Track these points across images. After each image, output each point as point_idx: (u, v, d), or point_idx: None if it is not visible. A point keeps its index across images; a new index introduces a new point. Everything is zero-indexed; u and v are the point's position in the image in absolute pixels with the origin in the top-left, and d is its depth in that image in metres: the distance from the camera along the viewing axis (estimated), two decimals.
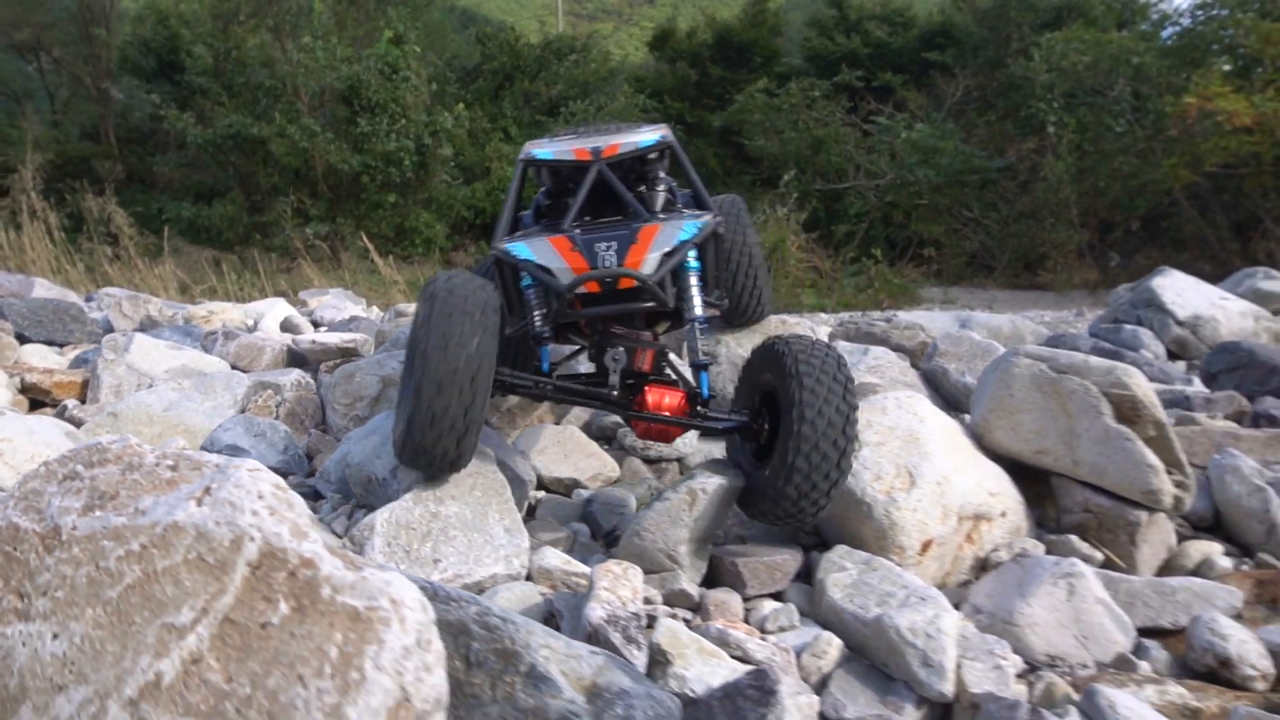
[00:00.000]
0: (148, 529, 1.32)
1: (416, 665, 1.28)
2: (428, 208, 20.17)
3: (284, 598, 1.28)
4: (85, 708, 1.23)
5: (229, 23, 19.31)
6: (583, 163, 3.43)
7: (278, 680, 1.24)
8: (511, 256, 3.07)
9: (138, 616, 1.27)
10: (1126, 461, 3.23)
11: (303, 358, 4.82)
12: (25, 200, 13.49)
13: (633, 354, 3.08)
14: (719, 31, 22.91)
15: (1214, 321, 7.16)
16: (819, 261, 17.93)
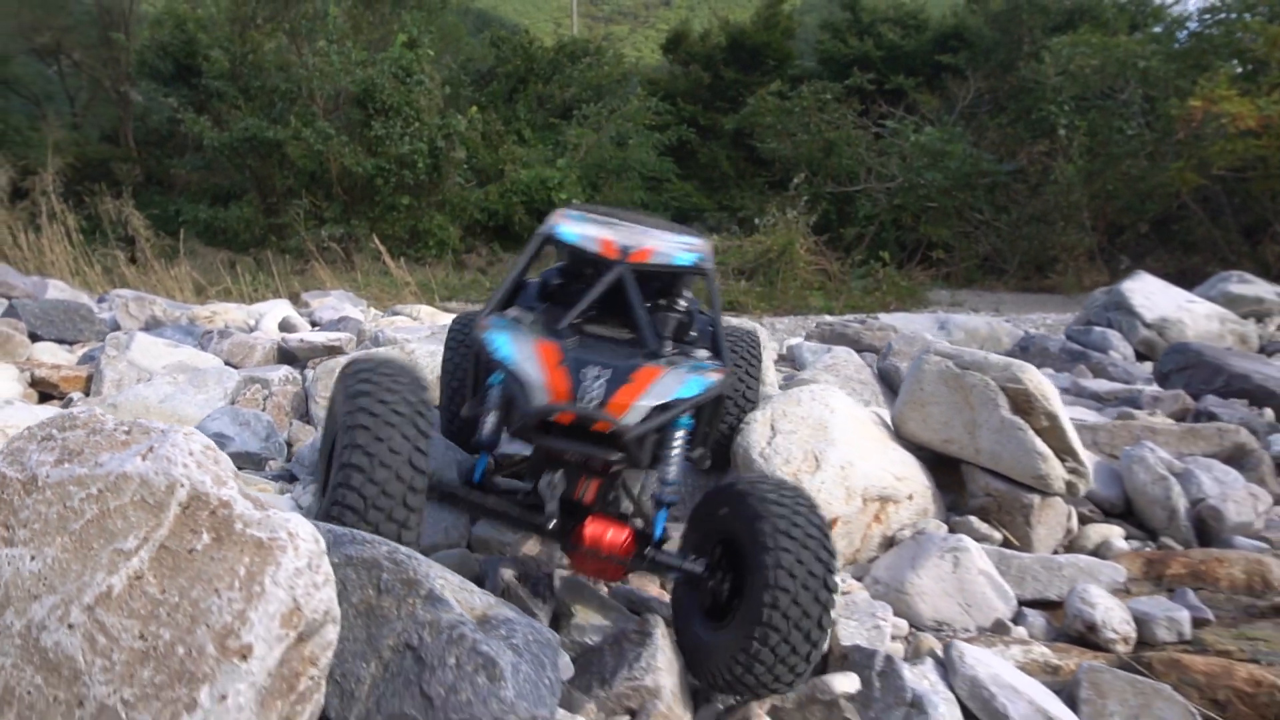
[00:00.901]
0: (104, 477, 1.74)
1: (306, 583, 1.70)
2: (441, 210, 20.62)
3: (206, 530, 1.70)
4: (54, 611, 1.65)
5: (245, 27, 19.87)
6: (607, 260, 3.18)
7: (199, 592, 1.65)
8: (486, 348, 2.80)
9: (95, 543, 1.69)
10: (1019, 449, 3.61)
11: (292, 355, 5.25)
12: (45, 203, 14.00)
13: (575, 481, 2.78)
14: (732, 34, 23.31)
15: (1180, 324, 7.49)
16: (827, 264, 18.26)
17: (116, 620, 1.64)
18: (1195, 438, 4.61)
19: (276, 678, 1.67)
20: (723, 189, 22.59)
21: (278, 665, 1.66)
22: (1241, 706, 2.89)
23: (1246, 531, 4.06)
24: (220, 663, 1.60)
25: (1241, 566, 3.65)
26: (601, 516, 2.72)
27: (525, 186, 20.67)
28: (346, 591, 2.03)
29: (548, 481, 2.72)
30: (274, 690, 1.67)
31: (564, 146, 21.48)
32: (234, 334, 5.32)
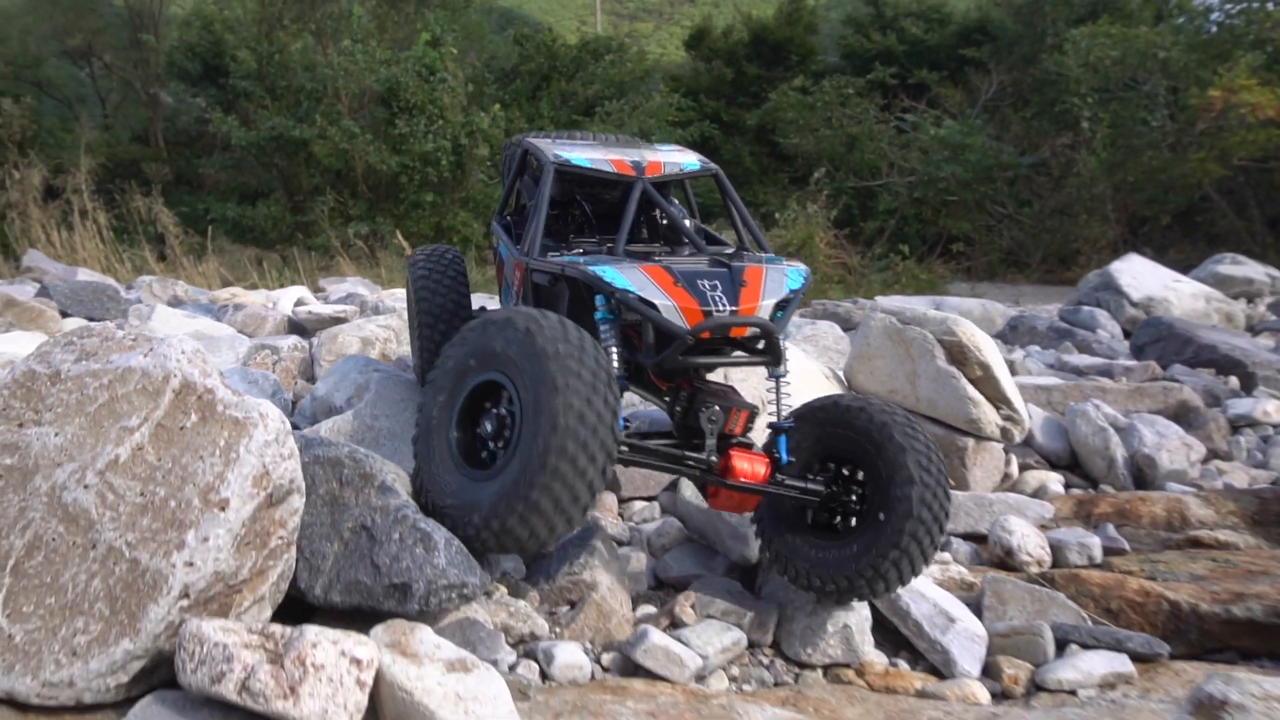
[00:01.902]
0: (113, 371, 2.19)
1: (274, 453, 2.14)
2: (465, 207, 21.05)
3: (194, 411, 2.14)
4: (73, 475, 2.10)
5: (272, 28, 20.47)
6: (625, 178, 3.21)
7: (188, 459, 2.10)
8: (602, 282, 2.72)
9: (105, 422, 2.14)
10: (953, 396, 3.99)
11: (301, 327, 5.73)
12: (77, 201, 14.60)
13: (727, 414, 2.84)
14: (755, 30, 23.64)
15: (1166, 303, 7.81)
16: (847, 257, 18.55)
17: (122, 481, 2.08)
18: (1142, 396, 4.97)
19: (250, 531, 2.11)
20: (745, 185, 22.90)
21: (250, 519, 2.10)
22: (1132, 614, 3.28)
23: (1180, 478, 4.43)
24: (204, 512, 2.04)
25: (1163, 505, 4.03)
26: (742, 448, 2.82)
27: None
28: (315, 484, 2.47)
29: (708, 417, 2.79)
30: (248, 540, 2.11)
31: None
32: (248, 307, 5.80)
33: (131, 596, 2.02)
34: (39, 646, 2.00)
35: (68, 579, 2.04)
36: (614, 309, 2.80)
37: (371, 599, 2.31)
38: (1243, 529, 3.97)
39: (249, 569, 2.13)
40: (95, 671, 1.99)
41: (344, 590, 2.33)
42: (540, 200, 3.21)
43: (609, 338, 2.79)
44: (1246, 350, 6.20)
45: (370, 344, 4.98)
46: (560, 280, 3.07)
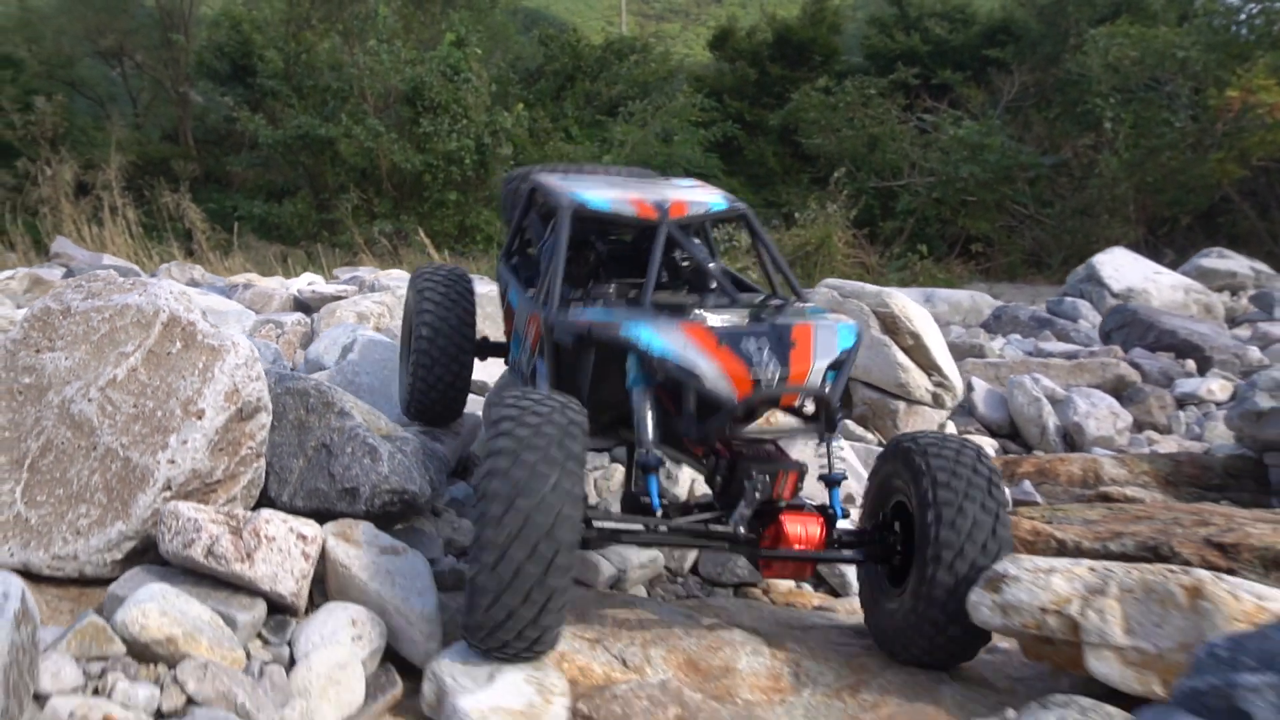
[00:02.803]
0: (113, 307, 2.70)
1: (243, 374, 2.64)
2: (488, 205, 21.61)
3: (179, 339, 2.65)
4: (79, 390, 2.61)
5: (299, 28, 21.17)
6: (648, 222, 3.02)
7: (173, 379, 2.60)
8: (637, 346, 2.58)
9: (106, 348, 2.65)
10: (885, 362, 4.45)
11: (306, 304, 6.26)
12: (107, 197, 15.27)
13: (774, 477, 2.65)
14: (779, 30, 24.08)
15: (1146, 294, 8.19)
16: (866, 257, 18.92)
17: (119, 396, 2.59)
18: (1081, 370, 5.40)
19: (222, 438, 2.62)
20: (769, 185, 23.33)
21: (223, 428, 2.61)
22: (1022, 550, 3.71)
23: (1107, 444, 4.86)
24: (184, 420, 2.55)
25: (1079, 465, 4.46)
26: (793, 510, 2.64)
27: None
28: (285, 411, 2.98)
29: (754, 485, 2.60)
30: (221, 446, 2.62)
31: (610, 143, 22.38)
32: (256, 286, 6.34)
33: (125, 488, 2.52)
34: (49, 528, 2.51)
35: (73, 474, 2.55)
36: (648, 372, 2.61)
37: (327, 502, 2.81)
38: (1153, 487, 4.39)
39: (222, 471, 2.64)
40: (94, 548, 2.49)
41: (305, 496, 2.83)
42: (558, 248, 2.96)
43: (642, 404, 2.63)
44: (1205, 335, 6.58)
45: (365, 318, 5.50)
46: (586, 339, 2.79)
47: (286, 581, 2.39)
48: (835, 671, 2.64)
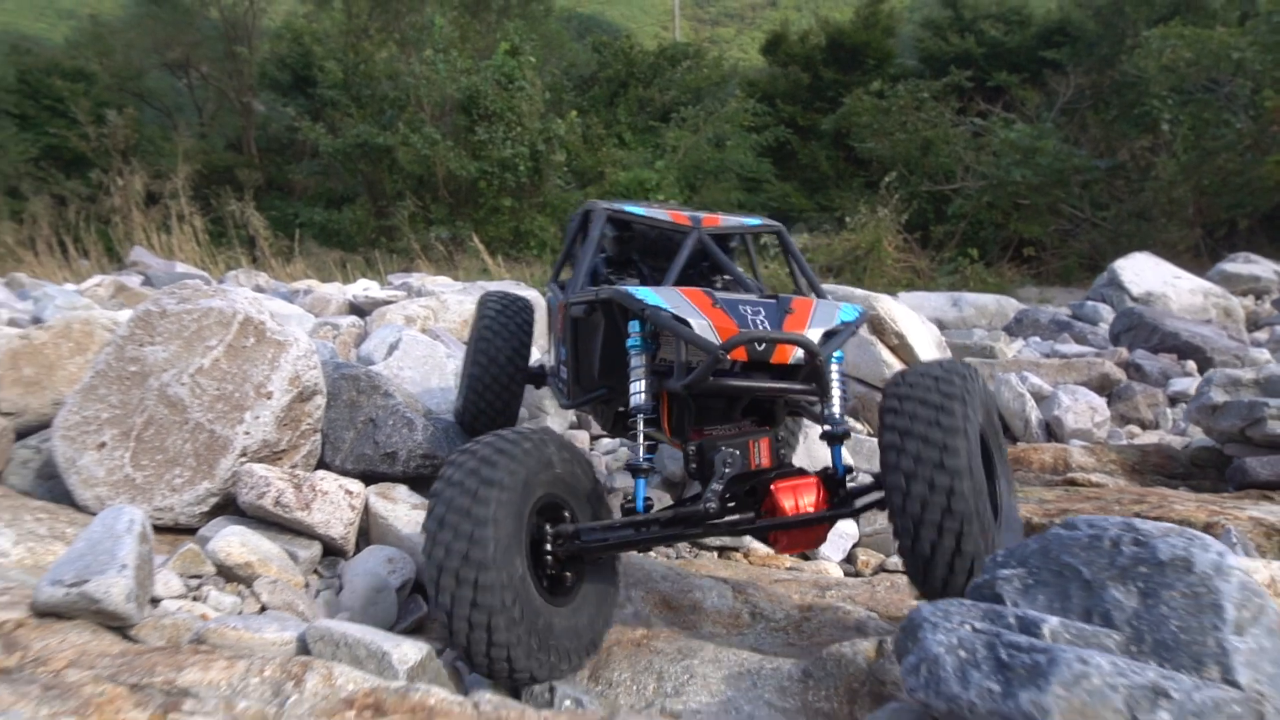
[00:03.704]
0: (201, 309, 3.42)
1: (303, 364, 3.34)
2: (542, 211, 22.38)
3: (252, 335, 3.36)
4: (174, 376, 3.33)
5: (358, 39, 22.17)
6: (680, 228, 3.25)
7: (248, 367, 3.31)
8: (633, 299, 2.67)
9: (194, 343, 3.36)
10: (872, 360, 5.04)
11: (360, 308, 7.00)
12: (175, 206, 16.25)
13: (746, 450, 2.69)
14: (831, 34, 24.60)
15: (1165, 297, 8.65)
16: (916, 261, 19.33)
17: (205, 380, 3.31)
18: (1069, 369, 5.93)
19: (286, 415, 3.32)
20: (822, 189, 23.81)
21: (287, 407, 3.31)
22: None
23: (1085, 436, 5.41)
24: (256, 400, 3.25)
25: (1051, 454, 5.02)
26: (784, 478, 2.64)
27: (624, 188, 22.31)
28: (339, 392, 3.68)
29: (722, 459, 2.63)
30: (285, 421, 3.32)
31: (663, 148, 23.04)
32: (315, 291, 7.10)
33: (210, 454, 3.23)
34: (151, 486, 3.22)
35: (170, 443, 3.26)
36: (648, 337, 2.71)
37: (372, 465, 3.51)
38: (1118, 474, 4.92)
39: (286, 441, 3.34)
40: (186, 502, 3.20)
41: (355, 461, 3.53)
42: (588, 243, 3.20)
43: (637, 365, 2.72)
44: (1206, 338, 7.05)
45: (412, 320, 6.21)
46: (596, 310, 3.00)
47: (337, 527, 3.08)
48: (785, 612, 3.26)
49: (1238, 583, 1.90)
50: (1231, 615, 1.83)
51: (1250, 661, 1.78)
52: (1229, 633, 1.82)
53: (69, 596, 2.21)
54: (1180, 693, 1.65)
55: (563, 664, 2.42)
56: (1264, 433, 4.69)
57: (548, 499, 2.53)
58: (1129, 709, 1.64)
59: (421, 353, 4.98)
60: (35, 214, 16.12)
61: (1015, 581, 2.00)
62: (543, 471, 2.47)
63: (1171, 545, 1.96)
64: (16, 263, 15.20)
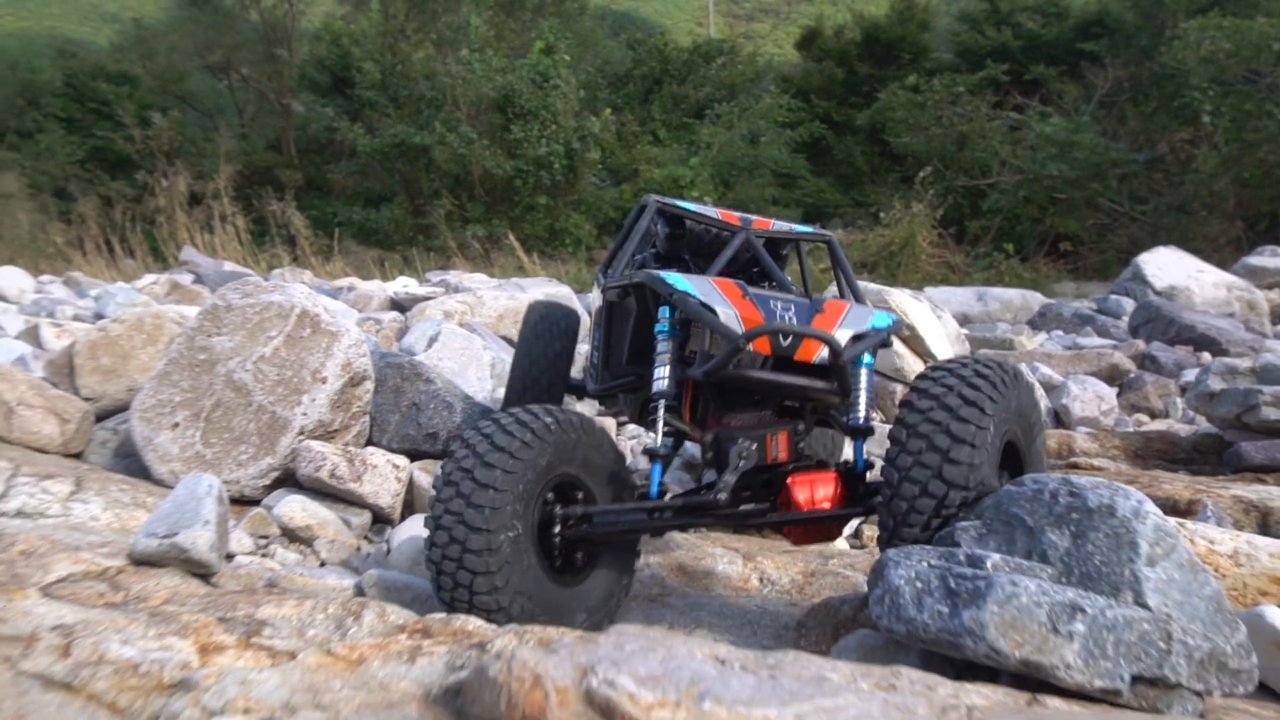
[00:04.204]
0: (262, 303, 3.85)
1: (354, 352, 3.76)
2: (577, 209, 22.78)
3: (308, 327, 3.78)
4: (239, 363, 3.75)
5: (395, 39, 22.71)
6: (730, 227, 3.30)
7: (304, 355, 3.73)
8: (664, 285, 2.70)
9: (257, 333, 3.79)
10: (884, 352, 5.36)
11: (400, 304, 7.44)
12: (217, 206, 16.82)
13: (763, 443, 2.70)
14: (866, 29, 24.85)
15: (1188, 291, 8.90)
16: (950, 256, 19.53)
17: (267, 367, 3.73)
18: (1080, 360, 6.25)
19: (339, 398, 3.73)
20: (856, 185, 24.07)
21: (339, 391, 3.72)
22: None
23: (1092, 424, 5.74)
24: (312, 385, 3.67)
25: (1056, 440, 5.35)
26: (803, 471, 2.67)
27: (658, 185, 22.67)
28: (386, 379, 4.10)
29: (738, 449, 2.65)
30: (338, 404, 3.73)
31: (697, 145, 23.37)
32: (358, 288, 7.55)
33: (271, 433, 3.65)
34: (219, 461, 3.65)
35: (235, 423, 3.69)
36: (677, 324, 2.77)
37: (415, 444, 3.92)
38: (1121, 459, 5.24)
39: (339, 422, 3.76)
40: (250, 475, 3.63)
41: (400, 440, 3.94)
42: (634, 233, 3.28)
43: (664, 351, 2.77)
44: (1222, 330, 7.32)
45: (450, 315, 6.63)
46: (629, 295, 3.08)
47: (385, 497, 3.49)
48: (790, 578, 3.63)
49: (1152, 524, 2.25)
50: (1145, 550, 2.18)
51: (1159, 589, 2.13)
52: (1142, 565, 2.18)
53: (161, 546, 2.63)
54: (1094, 609, 2.01)
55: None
56: (1259, 418, 4.99)
57: (564, 477, 2.59)
58: (1050, 621, 2.00)
59: (459, 345, 5.39)
60: (83, 214, 16.76)
61: (971, 531, 2.36)
62: (560, 449, 2.53)
63: (1099, 494, 2.31)
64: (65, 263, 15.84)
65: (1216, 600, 2.21)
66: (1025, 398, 2.64)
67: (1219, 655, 2.11)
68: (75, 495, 3.29)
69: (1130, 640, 2.04)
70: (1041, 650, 2.02)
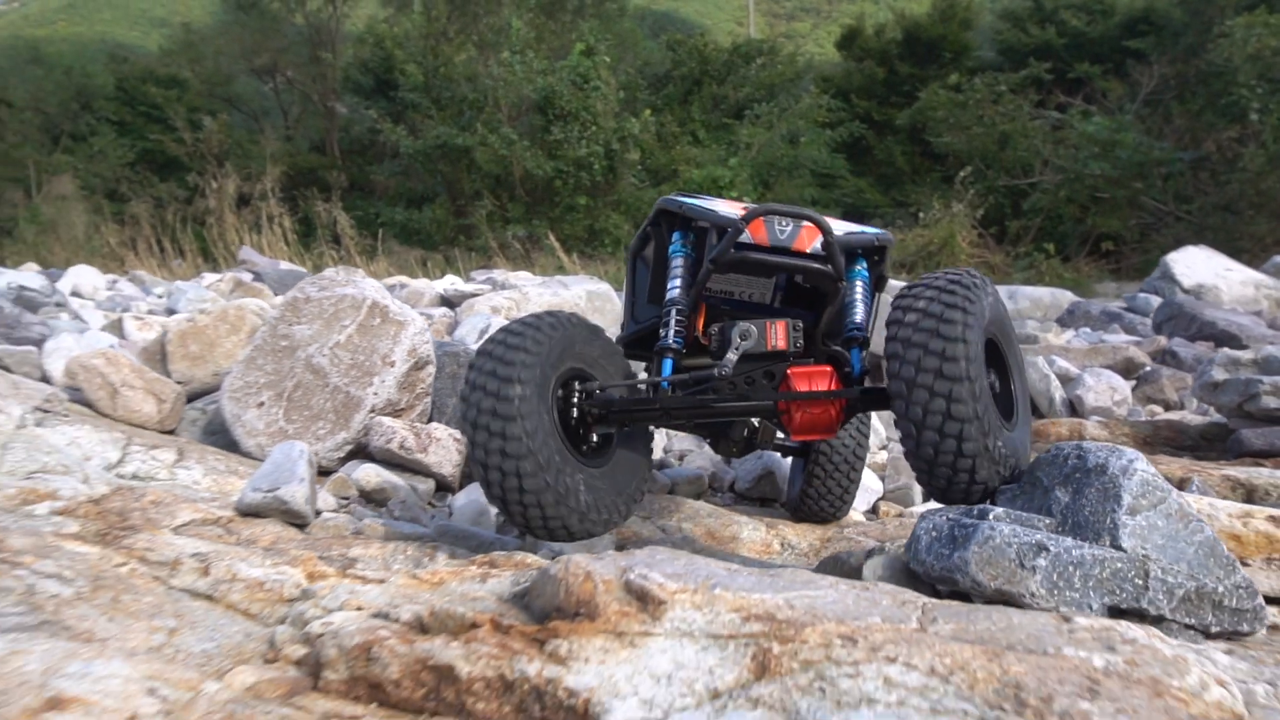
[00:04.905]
0: (336, 296, 4.38)
1: (419, 339, 4.28)
2: (617, 209, 23.31)
3: (378, 317, 4.30)
4: (317, 349, 4.29)
5: (438, 42, 23.36)
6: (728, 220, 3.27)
7: (375, 341, 4.26)
8: (673, 202, 3.13)
9: (332, 322, 4.32)
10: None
11: (450, 300, 7.98)
12: (264, 207, 17.50)
13: (763, 329, 2.92)
14: (907, 28, 25.20)
15: (1216, 289, 9.26)
16: (990, 257, 19.84)
17: (342, 352, 4.26)
18: (1096, 354, 6.66)
19: (406, 380, 4.26)
20: (897, 185, 24.42)
21: (405, 374, 4.25)
22: None
23: (1105, 414, 6.16)
24: (382, 368, 4.20)
25: (1067, 427, 5.78)
26: (801, 365, 2.89)
27: (697, 185, 23.17)
28: (444, 366, 4.62)
29: (740, 329, 2.88)
30: (404, 385, 4.26)
31: (736, 146, 23.83)
32: (409, 286, 8.10)
33: (346, 411, 4.18)
34: (300, 435, 4.18)
35: (314, 402, 4.22)
36: (688, 244, 3.12)
37: None
38: (1129, 446, 5.65)
39: (405, 402, 4.28)
40: (328, 449, 4.15)
41: (457, 422, 4.45)
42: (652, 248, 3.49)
43: (677, 267, 3.09)
44: (1242, 326, 7.70)
45: (498, 310, 7.15)
46: (648, 242, 3.41)
47: (447, 467, 4.00)
48: (809, 543, 4.10)
49: (1139, 480, 2.69)
50: (1127, 501, 2.63)
51: (1136, 534, 2.57)
52: (1123, 514, 2.62)
53: (265, 499, 3.15)
54: (1057, 548, 2.47)
55: (595, 519, 2.76)
56: (1259, 406, 5.39)
57: (573, 371, 2.86)
58: (1019, 558, 2.47)
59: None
60: (137, 215, 17.52)
61: (1007, 493, 2.83)
62: (566, 344, 2.81)
63: (1098, 456, 2.76)
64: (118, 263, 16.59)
65: (1209, 546, 2.63)
66: (996, 303, 2.83)
67: (1210, 594, 2.54)
68: (179, 463, 3.83)
69: (1102, 576, 2.49)
70: (1011, 581, 2.49)
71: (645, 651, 1.80)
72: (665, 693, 1.70)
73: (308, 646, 2.12)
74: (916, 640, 1.75)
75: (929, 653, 1.68)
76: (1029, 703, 1.53)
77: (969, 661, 1.66)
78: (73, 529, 2.81)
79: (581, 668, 1.77)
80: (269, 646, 2.22)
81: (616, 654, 1.80)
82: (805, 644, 1.74)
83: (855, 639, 1.75)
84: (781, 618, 1.85)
